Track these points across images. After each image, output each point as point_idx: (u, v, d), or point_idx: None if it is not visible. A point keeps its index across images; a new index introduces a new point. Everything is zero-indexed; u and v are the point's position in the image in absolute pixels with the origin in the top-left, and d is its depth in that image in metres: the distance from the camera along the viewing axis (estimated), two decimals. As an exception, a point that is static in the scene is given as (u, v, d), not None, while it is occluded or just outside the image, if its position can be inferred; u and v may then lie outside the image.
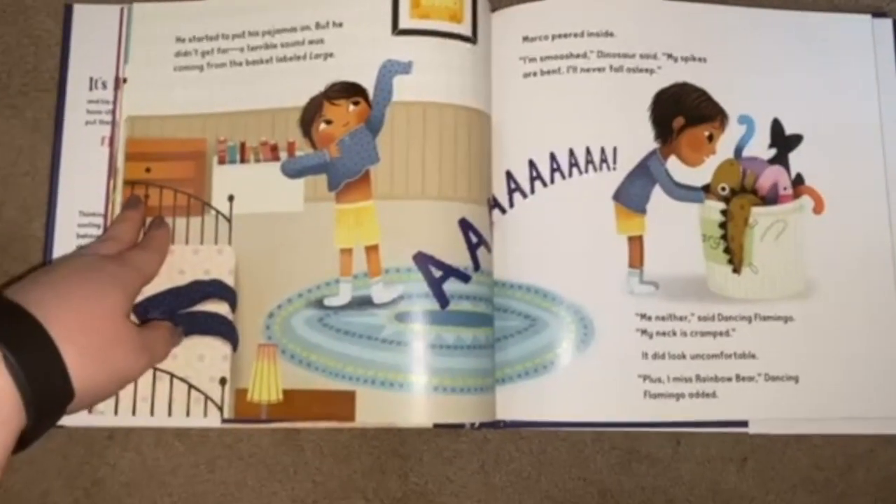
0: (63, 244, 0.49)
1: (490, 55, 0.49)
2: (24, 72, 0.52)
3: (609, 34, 0.49)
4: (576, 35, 0.49)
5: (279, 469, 0.48)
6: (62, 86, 0.51)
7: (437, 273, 0.45)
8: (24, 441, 0.36)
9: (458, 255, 0.46)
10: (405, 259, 0.45)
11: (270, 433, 0.48)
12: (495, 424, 0.47)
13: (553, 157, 0.48)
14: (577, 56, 0.49)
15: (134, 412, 0.46)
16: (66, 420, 0.47)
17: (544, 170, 0.48)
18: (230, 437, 0.48)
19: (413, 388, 0.44)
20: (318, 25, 0.48)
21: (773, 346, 0.47)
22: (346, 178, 0.47)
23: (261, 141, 0.48)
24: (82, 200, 0.50)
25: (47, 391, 0.36)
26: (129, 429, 0.48)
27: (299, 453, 0.48)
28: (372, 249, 0.46)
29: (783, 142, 0.49)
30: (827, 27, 0.51)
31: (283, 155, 0.48)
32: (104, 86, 0.51)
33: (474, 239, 0.46)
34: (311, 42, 0.48)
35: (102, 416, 0.46)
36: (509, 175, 0.49)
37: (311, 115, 0.48)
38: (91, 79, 0.51)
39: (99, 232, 0.49)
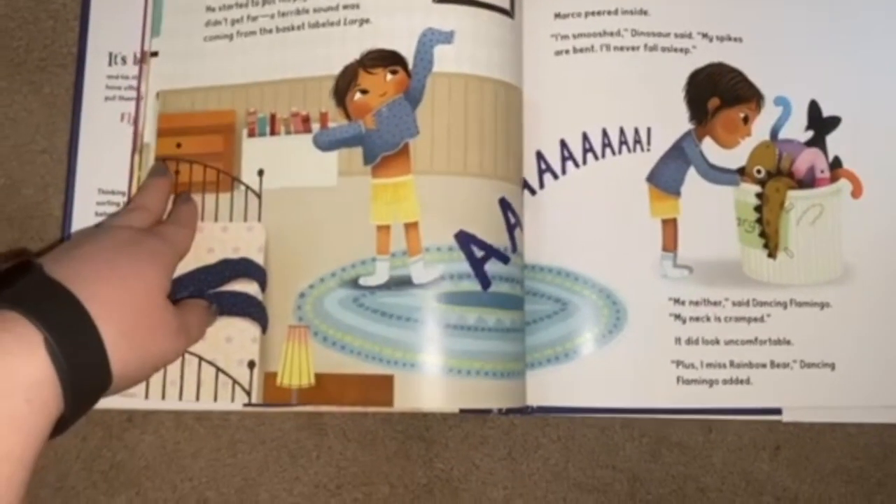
0: (81, 222, 0.48)
1: (522, 31, 0.48)
2: (42, 47, 0.51)
3: (643, 12, 0.48)
4: (609, 13, 0.48)
5: (302, 454, 0.47)
6: (81, 61, 0.50)
7: (479, 253, 0.44)
8: (57, 427, 0.34)
9: (498, 236, 0.44)
10: (447, 237, 0.44)
11: (294, 417, 0.47)
12: (522, 410, 0.46)
13: (585, 137, 0.47)
14: (611, 34, 0.48)
15: (163, 396, 0.45)
16: (86, 401, 0.46)
17: (576, 150, 0.47)
18: (252, 420, 0.47)
19: (455, 372, 0.42)
20: None
21: (809, 332, 0.46)
22: (384, 151, 0.45)
23: (292, 112, 0.46)
24: (101, 178, 0.49)
25: (87, 377, 0.34)
26: (148, 411, 0.47)
27: (322, 438, 0.47)
28: (411, 227, 0.44)
29: (820, 124, 0.48)
30: (866, 6, 0.49)
31: (316, 126, 0.46)
32: (123, 61, 0.50)
33: (512, 219, 0.45)
34: (345, 7, 0.46)
35: (131, 399, 0.44)
36: (539, 155, 0.48)
37: (345, 84, 0.46)
38: (111, 54, 0.50)
39: (118, 210, 0.48)
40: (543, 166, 0.47)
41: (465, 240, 0.44)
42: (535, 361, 0.46)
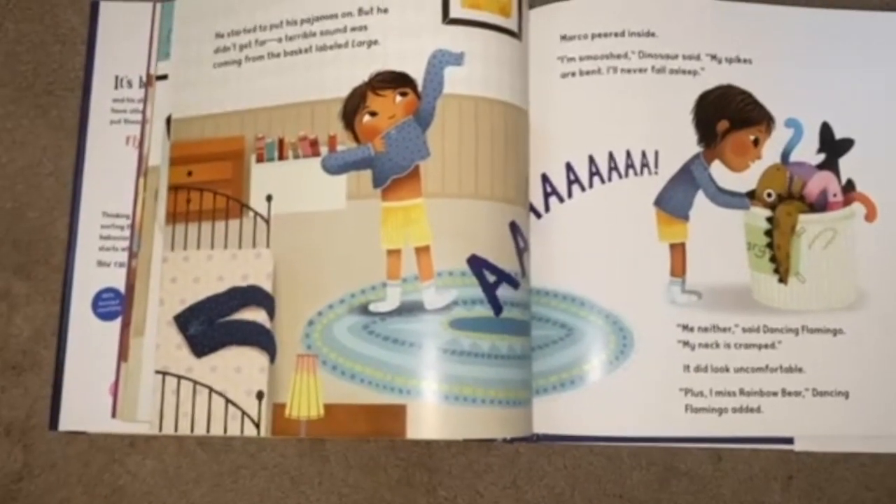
0: (86, 245, 0.48)
1: (528, 53, 0.47)
2: (49, 70, 0.51)
3: (651, 34, 0.48)
4: (616, 35, 0.48)
5: (304, 480, 0.47)
6: (87, 85, 0.50)
7: (492, 278, 0.43)
8: None
9: (509, 260, 0.44)
10: (459, 262, 0.43)
11: (296, 443, 0.47)
12: (528, 438, 0.45)
13: (592, 161, 0.47)
14: (618, 56, 0.47)
15: (176, 428, 0.44)
16: (88, 426, 0.46)
17: (582, 173, 0.47)
18: (254, 446, 0.47)
19: (470, 401, 0.42)
20: (360, 11, 0.46)
21: (822, 359, 0.45)
22: (394, 173, 0.44)
23: (300, 136, 0.46)
24: (106, 201, 0.49)
25: None
26: (150, 436, 0.47)
27: (325, 464, 0.47)
28: (422, 251, 0.43)
29: (833, 146, 0.47)
30: (878, 26, 0.49)
31: (324, 150, 0.45)
32: (129, 84, 0.50)
33: (521, 243, 0.45)
34: (353, 29, 0.46)
35: (137, 425, 0.45)
36: (545, 178, 0.47)
37: (353, 106, 0.45)
38: (116, 77, 0.50)
39: (122, 233, 0.48)
40: (549, 189, 0.47)
41: (477, 264, 0.43)
42: (541, 388, 0.45)
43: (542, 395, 0.45)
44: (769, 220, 0.46)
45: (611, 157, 0.47)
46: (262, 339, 0.44)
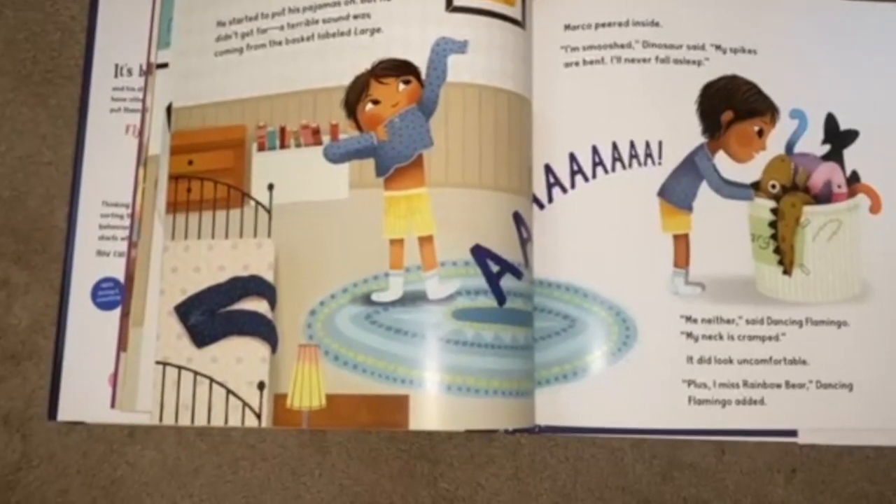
0: (85, 234, 0.48)
1: (532, 42, 0.47)
2: (49, 58, 0.51)
3: (655, 24, 0.47)
4: (620, 24, 0.47)
5: (304, 471, 0.46)
6: (87, 73, 0.50)
7: (495, 268, 0.43)
8: None
9: (512, 250, 0.43)
10: (462, 252, 0.43)
11: (296, 434, 0.47)
12: (530, 429, 0.44)
13: (595, 151, 0.46)
14: (622, 46, 0.47)
15: (177, 419, 0.44)
16: (87, 416, 0.46)
17: (586, 164, 0.46)
18: (254, 437, 0.47)
19: (473, 391, 0.41)
20: None
21: (826, 351, 0.45)
22: (397, 162, 0.44)
23: (302, 124, 0.45)
24: (106, 190, 0.49)
25: None
26: (150, 426, 0.46)
27: (325, 455, 0.47)
28: (426, 241, 0.43)
29: (838, 137, 0.47)
30: (884, 17, 0.49)
31: (326, 139, 0.45)
32: (129, 73, 0.50)
33: (524, 234, 0.44)
34: (355, 17, 0.46)
35: (138, 416, 0.44)
36: (548, 169, 0.47)
37: (356, 94, 0.45)
38: (116, 65, 0.50)
39: (122, 223, 0.48)
40: (552, 180, 0.47)
41: (481, 254, 0.43)
42: (543, 379, 0.45)
43: (544, 386, 0.45)
44: (773, 211, 0.46)
45: (614, 147, 0.46)
46: (264, 330, 0.44)
